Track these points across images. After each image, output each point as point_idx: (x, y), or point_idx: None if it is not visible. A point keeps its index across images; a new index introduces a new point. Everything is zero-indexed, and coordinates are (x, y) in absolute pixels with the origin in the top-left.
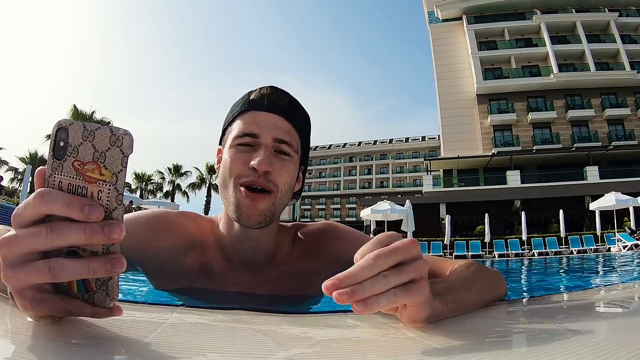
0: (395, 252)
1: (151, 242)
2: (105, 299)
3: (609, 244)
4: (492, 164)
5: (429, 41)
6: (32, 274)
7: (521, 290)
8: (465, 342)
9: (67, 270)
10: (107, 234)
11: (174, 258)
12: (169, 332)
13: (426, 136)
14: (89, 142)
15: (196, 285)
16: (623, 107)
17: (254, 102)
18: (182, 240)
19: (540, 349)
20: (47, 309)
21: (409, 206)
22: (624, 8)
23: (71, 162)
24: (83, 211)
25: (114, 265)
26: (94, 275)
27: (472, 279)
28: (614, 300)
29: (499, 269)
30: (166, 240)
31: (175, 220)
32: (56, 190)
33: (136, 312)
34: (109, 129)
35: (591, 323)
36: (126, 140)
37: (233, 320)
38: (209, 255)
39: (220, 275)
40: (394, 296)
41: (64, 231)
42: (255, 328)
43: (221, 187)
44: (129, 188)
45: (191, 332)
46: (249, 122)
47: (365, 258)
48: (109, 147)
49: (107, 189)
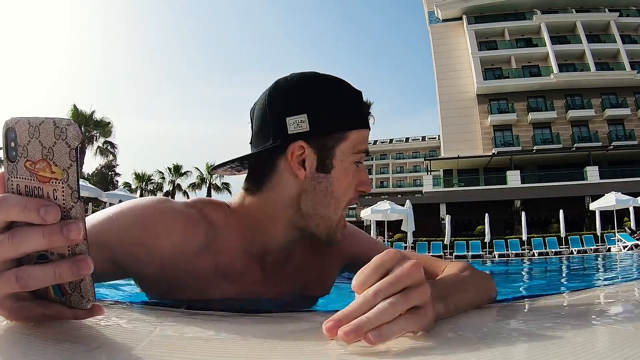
0: (396, 283)
1: (146, 241)
2: (81, 301)
3: (609, 244)
4: (492, 164)
5: (429, 41)
6: (3, 284)
7: (521, 290)
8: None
9: (34, 277)
10: (65, 235)
11: (179, 259)
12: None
13: (426, 136)
14: (35, 139)
15: (215, 290)
16: (623, 107)
17: (369, 120)
18: (189, 237)
19: (539, 349)
20: (26, 316)
21: (409, 206)
22: (624, 8)
23: (23, 162)
24: (39, 213)
25: (80, 267)
26: (61, 279)
27: (467, 281)
28: (614, 300)
29: (499, 269)
30: (167, 238)
31: (178, 210)
32: (13, 195)
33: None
34: (52, 122)
35: (591, 323)
36: (70, 132)
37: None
38: (228, 253)
39: (240, 276)
40: (405, 323)
41: (24, 236)
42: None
43: (324, 200)
44: (129, 188)
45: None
46: (366, 140)
47: (364, 295)
48: (55, 142)
49: (61, 187)
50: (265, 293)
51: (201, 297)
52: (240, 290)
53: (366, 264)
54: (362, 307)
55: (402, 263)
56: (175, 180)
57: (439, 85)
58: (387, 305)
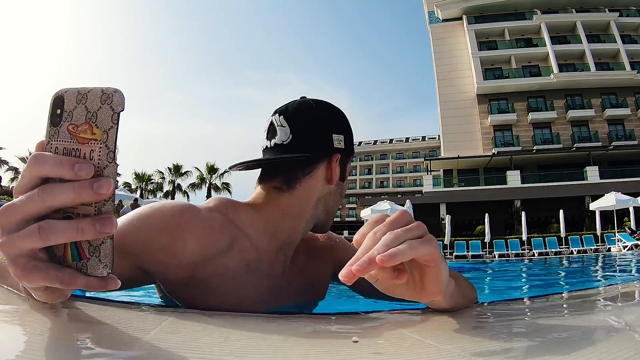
0: (391, 224)
1: (174, 249)
2: (98, 265)
3: (609, 244)
4: (492, 164)
5: (429, 41)
6: (23, 237)
7: (521, 290)
8: (500, 346)
9: (56, 230)
10: (96, 189)
11: (209, 262)
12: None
13: (426, 136)
14: (82, 105)
15: (247, 286)
16: (623, 107)
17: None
18: (217, 239)
19: (539, 349)
20: (39, 276)
21: (409, 206)
22: (624, 8)
23: (66, 126)
24: (73, 168)
25: (103, 224)
26: (83, 235)
27: (456, 276)
28: (613, 300)
29: (500, 269)
30: (195, 243)
31: (204, 216)
32: (48, 153)
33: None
34: (100, 90)
35: (590, 323)
36: (116, 97)
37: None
38: (255, 249)
39: (266, 270)
40: (415, 244)
41: (54, 190)
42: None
43: (338, 200)
44: (129, 187)
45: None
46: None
47: (367, 238)
48: (100, 106)
49: (99, 147)
50: (287, 288)
51: (234, 296)
52: (272, 283)
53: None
54: (367, 247)
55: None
56: (175, 180)
57: (439, 85)
58: (389, 235)
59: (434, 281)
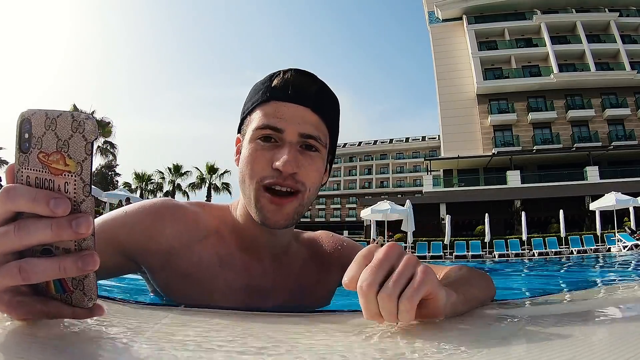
0: (381, 265)
1: (155, 231)
2: (83, 298)
3: (609, 244)
4: (492, 164)
5: (429, 41)
6: (4, 276)
7: (521, 290)
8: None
9: (38, 270)
10: (74, 228)
11: (184, 249)
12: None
13: (426, 136)
14: (51, 131)
15: (219, 280)
16: (623, 107)
17: (277, 91)
18: (193, 228)
19: (539, 349)
20: (24, 312)
21: (409, 206)
22: (624, 8)
23: (36, 154)
24: (49, 205)
25: (86, 262)
26: (65, 274)
27: (470, 277)
28: (614, 300)
29: (499, 268)
30: (173, 228)
31: (182, 206)
32: (22, 186)
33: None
34: (70, 115)
35: (590, 323)
36: (88, 125)
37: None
38: (228, 245)
39: (243, 268)
40: (411, 295)
41: (31, 228)
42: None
43: (241, 184)
44: (129, 187)
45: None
46: (271, 114)
47: (361, 293)
48: (72, 135)
49: (73, 180)
50: (272, 289)
51: (206, 287)
52: (247, 282)
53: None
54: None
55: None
56: (175, 180)
57: (439, 85)
58: (385, 298)
59: (434, 309)
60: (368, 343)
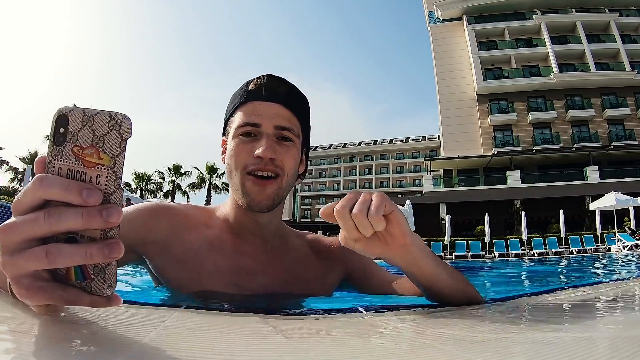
0: (349, 198)
1: (151, 224)
2: (103, 286)
3: (609, 244)
4: (492, 164)
5: (429, 41)
6: (29, 259)
7: (521, 289)
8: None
9: (65, 254)
10: (105, 217)
11: (177, 238)
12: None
13: (426, 136)
14: (88, 127)
15: (207, 263)
16: (623, 107)
17: (253, 93)
18: (184, 219)
19: (538, 349)
20: (44, 297)
21: (409, 206)
22: (624, 8)
23: (70, 147)
24: (81, 195)
25: (112, 250)
26: (91, 260)
27: (438, 259)
28: (613, 300)
29: (499, 268)
30: (167, 220)
31: (175, 205)
32: (54, 176)
33: (137, 312)
34: (107, 114)
35: (590, 323)
36: (124, 124)
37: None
38: (218, 231)
39: (233, 251)
40: (379, 203)
41: (62, 216)
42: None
43: (229, 176)
44: (129, 187)
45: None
46: (249, 112)
47: (336, 212)
48: (108, 131)
49: (106, 173)
50: (262, 272)
51: (196, 270)
52: (235, 262)
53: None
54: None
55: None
56: (175, 180)
57: (439, 85)
58: (359, 214)
59: (397, 226)
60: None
